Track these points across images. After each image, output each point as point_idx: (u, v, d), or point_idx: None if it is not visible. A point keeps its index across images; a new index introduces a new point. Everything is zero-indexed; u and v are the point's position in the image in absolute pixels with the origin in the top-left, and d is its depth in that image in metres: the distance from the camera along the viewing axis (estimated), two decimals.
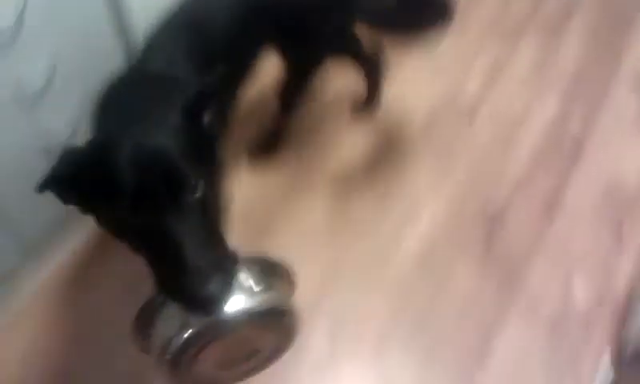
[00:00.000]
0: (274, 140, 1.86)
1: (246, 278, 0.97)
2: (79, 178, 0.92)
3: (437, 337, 1.57)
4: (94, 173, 0.91)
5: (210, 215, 0.98)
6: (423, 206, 1.80)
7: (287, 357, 1.18)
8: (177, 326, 0.94)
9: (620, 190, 1.84)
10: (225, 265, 0.93)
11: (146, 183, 0.89)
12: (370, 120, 1.95)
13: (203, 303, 0.89)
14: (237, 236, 1.68)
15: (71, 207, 0.96)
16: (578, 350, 1.54)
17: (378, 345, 1.56)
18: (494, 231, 1.76)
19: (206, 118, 1.00)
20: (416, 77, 2.05)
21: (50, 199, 0.93)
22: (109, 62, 1.31)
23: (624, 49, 2.15)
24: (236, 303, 0.94)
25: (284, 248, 1.72)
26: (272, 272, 1.06)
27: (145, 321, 1.03)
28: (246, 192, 1.78)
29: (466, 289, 1.65)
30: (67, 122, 1.44)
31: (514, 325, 1.59)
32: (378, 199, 1.81)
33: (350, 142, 1.92)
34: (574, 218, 1.78)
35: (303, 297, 1.62)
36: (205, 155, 0.99)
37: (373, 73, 1.85)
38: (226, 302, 0.92)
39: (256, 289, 0.97)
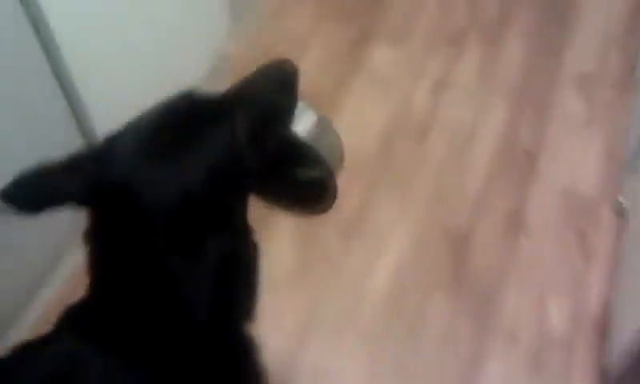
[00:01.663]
0: None
1: None
2: None
3: (417, 380, 1.53)
4: None
5: None
6: (386, 241, 1.75)
7: None
8: None
9: (577, 199, 1.83)
10: None
11: None
12: None
13: None
14: None
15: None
16: (562, 376, 1.53)
17: None
18: (461, 258, 1.72)
19: None
20: (362, 104, 2.01)
21: None
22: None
23: (564, 49, 2.14)
24: None
25: None
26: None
27: None
28: None
29: (440, 325, 1.61)
30: None
31: (494, 358, 1.56)
32: (341, 239, 1.75)
33: None
34: (538, 235, 1.76)
35: (280, 351, 1.55)
36: None
37: None
38: None
39: None
